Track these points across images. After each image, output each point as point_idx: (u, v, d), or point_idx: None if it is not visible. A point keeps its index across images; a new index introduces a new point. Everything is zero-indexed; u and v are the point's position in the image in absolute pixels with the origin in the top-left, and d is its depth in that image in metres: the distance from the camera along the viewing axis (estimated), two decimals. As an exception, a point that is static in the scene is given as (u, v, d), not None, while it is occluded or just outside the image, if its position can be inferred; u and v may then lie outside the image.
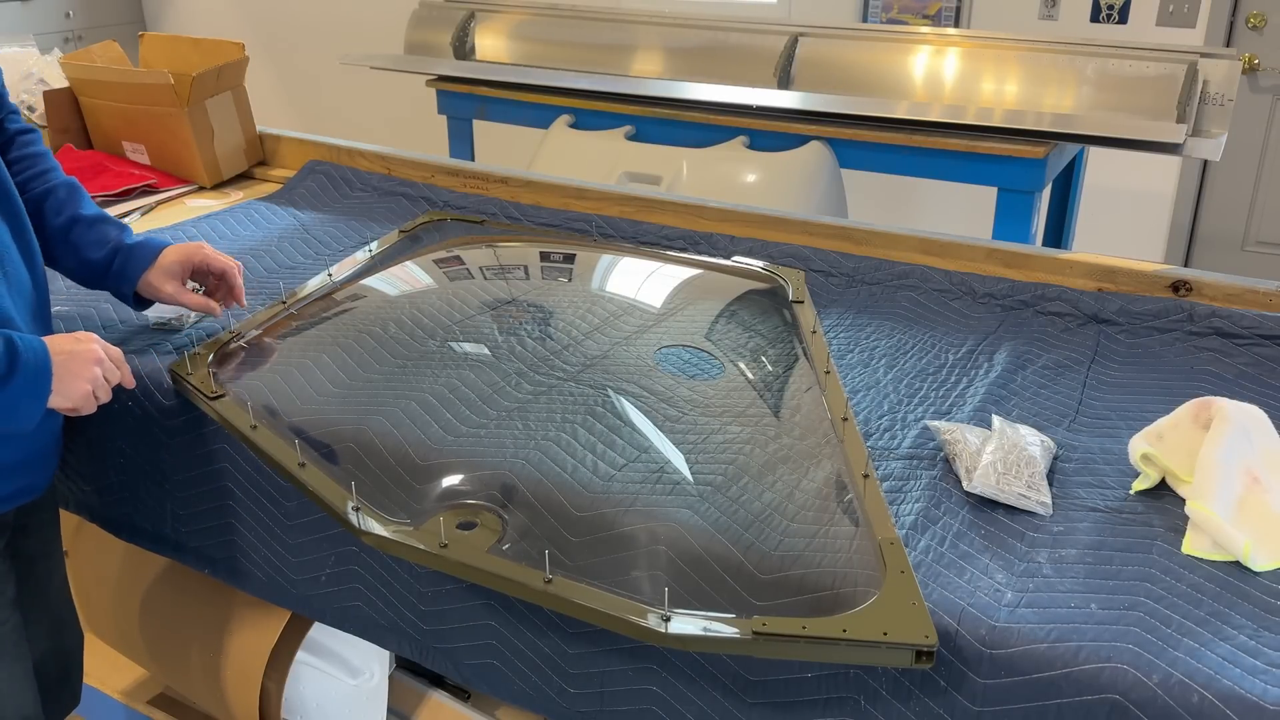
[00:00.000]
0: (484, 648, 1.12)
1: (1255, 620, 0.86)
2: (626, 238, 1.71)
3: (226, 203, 1.95)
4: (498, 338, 1.35)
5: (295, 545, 1.23)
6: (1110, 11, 3.46)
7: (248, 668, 1.40)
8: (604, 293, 1.53)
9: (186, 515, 1.32)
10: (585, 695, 1.06)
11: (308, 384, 1.25)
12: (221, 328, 1.38)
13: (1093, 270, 1.48)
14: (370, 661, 1.46)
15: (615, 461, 1.09)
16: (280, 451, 1.13)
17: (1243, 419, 1.04)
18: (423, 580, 1.14)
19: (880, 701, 0.92)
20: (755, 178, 2.50)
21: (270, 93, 4.79)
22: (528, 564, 0.96)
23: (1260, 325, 1.33)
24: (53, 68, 2.15)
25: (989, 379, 1.26)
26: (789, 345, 1.36)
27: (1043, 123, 2.34)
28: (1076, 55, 2.44)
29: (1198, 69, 2.30)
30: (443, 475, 1.10)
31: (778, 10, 3.93)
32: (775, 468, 1.09)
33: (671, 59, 2.90)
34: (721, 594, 0.94)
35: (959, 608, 0.88)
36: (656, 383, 1.24)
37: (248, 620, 1.42)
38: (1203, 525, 0.95)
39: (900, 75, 2.60)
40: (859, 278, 1.55)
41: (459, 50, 3.18)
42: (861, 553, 0.95)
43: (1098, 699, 0.82)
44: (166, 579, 1.53)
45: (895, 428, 1.16)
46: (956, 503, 1.02)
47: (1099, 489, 1.04)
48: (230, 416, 1.19)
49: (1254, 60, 3.41)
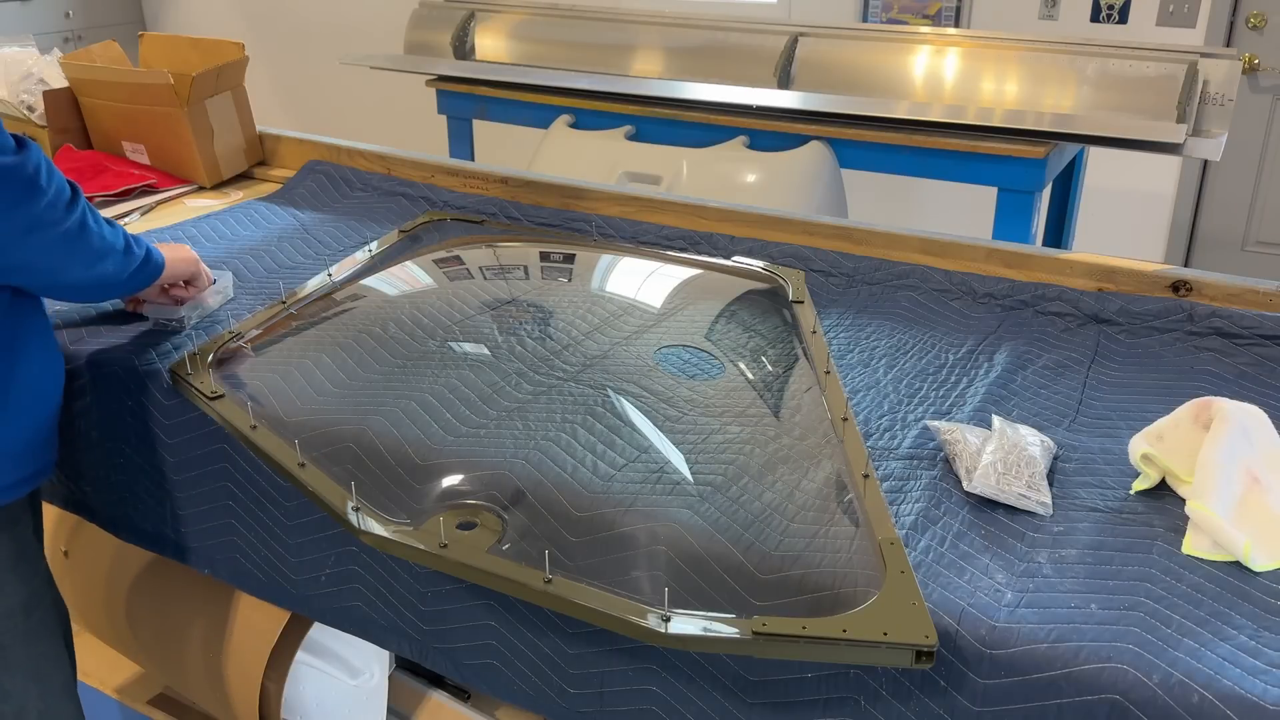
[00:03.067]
0: (484, 648, 1.12)
1: (1255, 620, 0.86)
2: (626, 238, 1.71)
3: (226, 203, 1.95)
4: (498, 338, 1.35)
5: (295, 545, 1.23)
6: (1110, 11, 3.46)
7: (248, 668, 1.40)
8: (604, 293, 1.53)
9: (186, 515, 1.32)
10: (585, 695, 1.06)
11: (308, 384, 1.25)
12: (221, 328, 1.38)
13: (1093, 270, 1.48)
14: (370, 661, 1.46)
15: (615, 461, 1.09)
16: (280, 451, 1.13)
17: (1243, 419, 1.04)
18: (423, 580, 1.14)
19: (880, 701, 0.92)
20: (755, 178, 2.50)
21: (270, 93, 4.79)
22: (528, 564, 0.96)
23: (1260, 325, 1.33)
24: (52, 68, 2.14)
25: (989, 379, 1.26)
26: (789, 345, 1.36)
27: (1043, 123, 2.34)
28: (1076, 55, 2.44)
29: (1198, 69, 2.30)
30: (442, 475, 1.10)
31: (778, 10, 3.93)
32: (775, 468, 1.09)
33: (671, 59, 2.90)
34: (721, 594, 0.94)
35: (959, 608, 0.88)
36: (656, 383, 1.24)
37: (248, 620, 1.42)
38: (1203, 525, 0.95)
39: (900, 75, 2.60)
40: (859, 278, 1.55)
41: (459, 50, 3.18)
42: (861, 553, 0.95)
43: (1098, 699, 0.82)
44: (166, 579, 1.52)
45: (895, 428, 1.16)
46: (956, 503, 1.02)
47: (1099, 489, 1.04)
48: (230, 416, 1.19)
49: (1254, 60, 3.41)
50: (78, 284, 1.22)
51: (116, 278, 1.26)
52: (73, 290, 1.26)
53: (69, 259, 1.16)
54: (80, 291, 1.29)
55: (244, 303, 1.47)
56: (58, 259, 1.15)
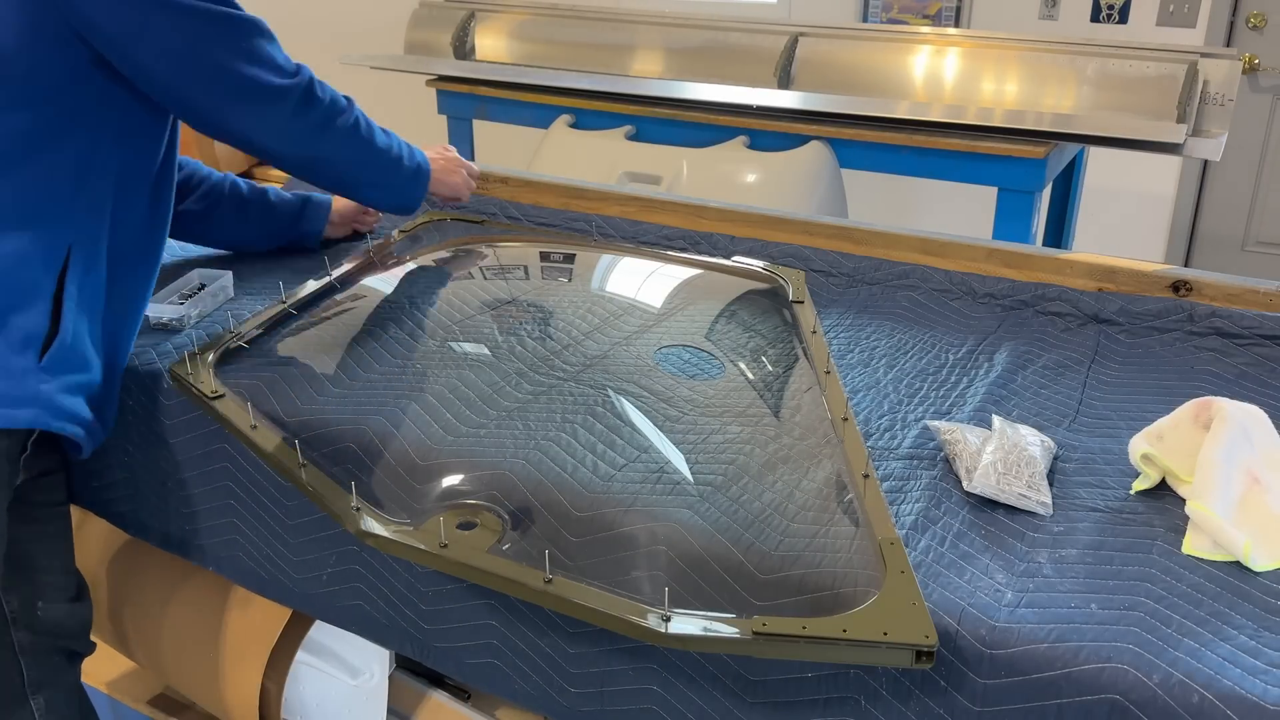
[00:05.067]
0: (484, 647, 1.12)
1: (1255, 620, 0.86)
2: (626, 238, 1.71)
3: (226, 203, 1.95)
4: (498, 338, 1.35)
5: (296, 545, 1.23)
6: (1110, 11, 3.47)
7: (248, 668, 1.40)
8: (604, 293, 1.53)
9: (189, 514, 1.33)
10: (585, 695, 1.06)
11: (308, 384, 1.25)
12: (221, 328, 1.38)
13: (1093, 270, 1.48)
14: (370, 661, 1.46)
15: (615, 461, 1.09)
16: (280, 451, 1.13)
17: (1243, 419, 1.04)
18: (423, 580, 1.14)
19: (880, 701, 0.92)
20: (755, 178, 2.50)
21: (270, 93, 4.78)
22: (528, 564, 0.96)
23: (1260, 325, 1.33)
24: (53, 68, 2.15)
25: (989, 379, 1.26)
26: (789, 345, 1.36)
27: (1043, 123, 2.34)
28: (1077, 55, 2.44)
29: (1198, 69, 2.30)
30: (443, 475, 1.10)
31: (778, 10, 3.94)
32: (775, 468, 1.09)
33: (671, 59, 2.90)
34: (722, 594, 0.94)
35: (959, 608, 0.88)
36: (656, 383, 1.24)
37: (248, 620, 1.42)
38: (1203, 525, 0.95)
39: (900, 75, 2.60)
40: (859, 278, 1.55)
41: (459, 50, 3.18)
42: (862, 553, 0.95)
43: (1098, 699, 0.82)
44: (166, 578, 1.52)
45: (895, 428, 1.16)
46: (957, 503, 1.02)
47: (1099, 489, 1.04)
48: (231, 416, 1.19)
49: (1254, 60, 3.41)
50: (368, 176, 1.41)
51: (396, 171, 1.43)
52: (366, 184, 1.42)
53: (357, 150, 1.36)
54: (373, 185, 1.43)
55: (244, 303, 1.47)
56: (350, 151, 1.35)
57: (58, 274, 1.16)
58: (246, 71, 1.21)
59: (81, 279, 1.18)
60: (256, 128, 1.26)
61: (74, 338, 1.17)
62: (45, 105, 1.15)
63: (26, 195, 1.15)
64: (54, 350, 1.15)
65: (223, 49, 1.19)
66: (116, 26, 1.13)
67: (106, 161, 1.21)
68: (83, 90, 1.17)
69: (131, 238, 1.26)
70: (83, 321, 1.19)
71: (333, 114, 1.31)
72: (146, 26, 1.14)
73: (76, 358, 1.18)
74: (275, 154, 1.33)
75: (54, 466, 1.26)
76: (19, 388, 1.12)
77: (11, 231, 1.14)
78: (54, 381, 1.14)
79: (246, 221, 1.60)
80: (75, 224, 1.18)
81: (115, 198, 1.23)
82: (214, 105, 1.22)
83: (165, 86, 1.20)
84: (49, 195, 1.16)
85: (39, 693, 1.25)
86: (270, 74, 1.23)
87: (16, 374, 1.12)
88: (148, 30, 1.14)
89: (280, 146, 1.31)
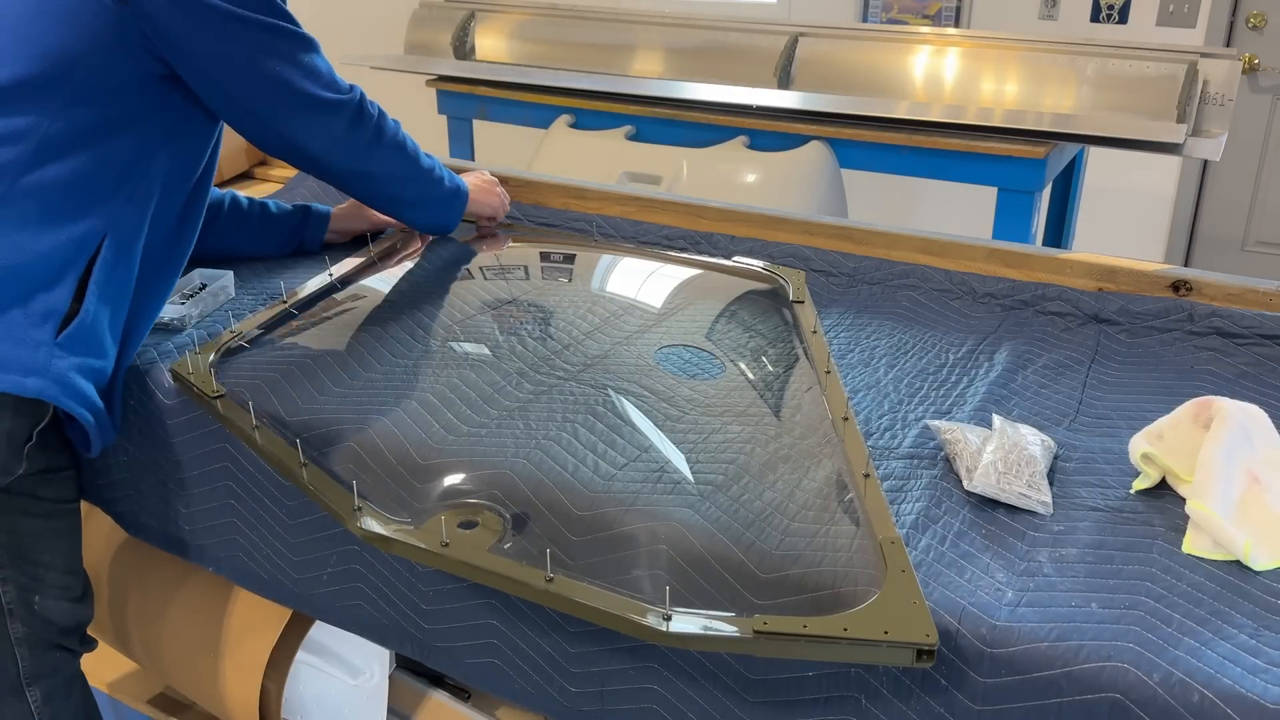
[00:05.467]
0: (485, 647, 1.12)
1: (1255, 620, 0.86)
2: (626, 238, 1.71)
3: (227, 202, 1.95)
4: (498, 337, 1.35)
5: (296, 545, 1.23)
6: (1110, 11, 3.47)
7: (248, 667, 1.40)
8: (604, 292, 1.54)
9: (190, 514, 1.33)
10: (586, 694, 1.06)
11: (308, 383, 1.25)
12: (222, 328, 1.38)
13: (1093, 270, 1.48)
14: (370, 661, 1.46)
15: (616, 461, 1.09)
16: (281, 451, 1.13)
17: (1243, 419, 1.04)
18: (423, 580, 1.14)
19: (881, 700, 0.92)
20: (755, 178, 2.50)
21: (270, 93, 4.78)
22: (529, 563, 0.96)
23: (1260, 325, 1.33)
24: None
25: (989, 378, 1.27)
26: (789, 345, 1.36)
27: (1043, 123, 2.34)
28: (1076, 55, 2.44)
29: (1198, 69, 2.30)
30: (444, 474, 1.10)
31: (778, 10, 3.94)
32: (776, 467, 1.09)
33: (671, 59, 2.90)
34: (722, 593, 0.94)
35: (960, 607, 0.88)
36: (657, 382, 1.24)
37: (248, 620, 1.42)
38: (1203, 525, 0.95)
39: (900, 75, 2.60)
40: (859, 278, 1.55)
41: (459, 50, 3.18)
42: (862, 552, 0.95)
43: (1098, 698, 0.82)
44: (166, 578, 1.53)
45: (896, 427, 1.17)
46: (957, 502, 1.03)
47: (1099, 489, 1.04)
48: (231, 416, 1.19)
49: (1254, 60, 3.41)
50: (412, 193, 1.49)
51: (438, 190, 1.53)
52: (410, 201, 1.51)
53: (403, 167, 1.45)
54: (416, 203, 1.52)
55: (244, 303, 1.47)
56: (397, 168, 1.44)
57: (88, 259, 1.18)
58: (305, 83, 1.28)
59: (110, 269, 1.19)
60: (313, 138, 1.33)
61: (94, 320, 1.18)
62: (108, 104, 1.19)
63: (75, 182, 1.17)
64: (72, 329, 1.15)
65: (283, 61, 1.25)
66: (185, 36, 1.18)
67: (154, 161, 1.24)
68: (144, 93, 1.21)
69: (163, 239, 1.28)
70: (104, 310, 1.20)
71: (382, 131, 1.38)
72: (213, 37, 1.19)
73: (94, 341, 1.18)
74: (327, 165, 1.39)
75: (64, 464, 1.26)
76: (31, 357, 1.11)
77: (54, 214, 1.16)
78: (68, 359, 1.14)
79: (247, 234, 1.61)
80: (114, 216, 1.20)
81: (158, 197, 1.25)
82: (273, 114, 1.29)
83: (228, 95, 1.25)
84: (95, 185, 1.19)
85: (36, 684, 1.25)
86: (326, 89, 1.30)
87: (30, 344, 1.12)
88: (214, 40, 1.20)
89: (333, 158, 1.37)
